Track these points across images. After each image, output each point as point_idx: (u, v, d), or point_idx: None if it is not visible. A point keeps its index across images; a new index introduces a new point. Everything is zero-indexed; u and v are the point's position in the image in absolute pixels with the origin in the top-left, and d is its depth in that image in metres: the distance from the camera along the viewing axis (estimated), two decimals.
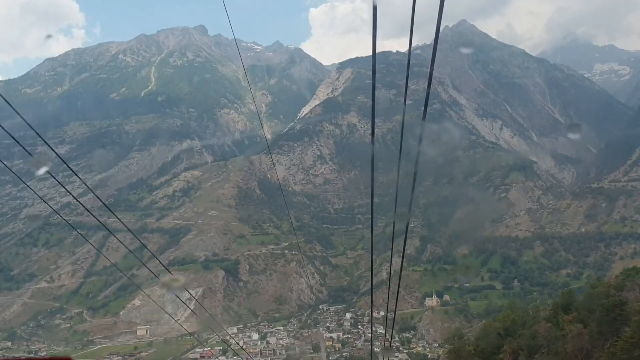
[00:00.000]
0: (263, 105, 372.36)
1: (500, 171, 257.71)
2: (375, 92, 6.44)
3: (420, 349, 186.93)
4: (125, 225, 15.89)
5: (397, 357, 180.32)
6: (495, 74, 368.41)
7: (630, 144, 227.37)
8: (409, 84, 7.90)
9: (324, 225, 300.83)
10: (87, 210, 14.52)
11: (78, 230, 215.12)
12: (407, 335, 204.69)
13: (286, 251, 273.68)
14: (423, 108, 6.35)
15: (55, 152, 10.79)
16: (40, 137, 10.52)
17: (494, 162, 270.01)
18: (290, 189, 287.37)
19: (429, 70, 6.46)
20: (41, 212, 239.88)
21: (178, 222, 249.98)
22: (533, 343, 33.94)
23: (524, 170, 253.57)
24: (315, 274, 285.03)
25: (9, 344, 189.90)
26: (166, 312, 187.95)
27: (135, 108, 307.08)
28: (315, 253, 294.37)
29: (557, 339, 29.01)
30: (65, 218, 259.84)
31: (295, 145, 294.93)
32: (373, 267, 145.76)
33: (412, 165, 7.50)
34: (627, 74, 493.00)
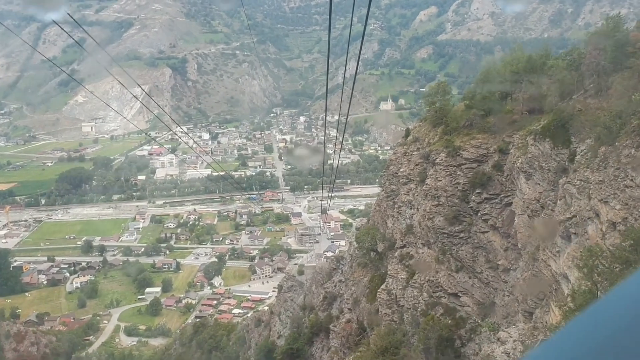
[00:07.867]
0: None
1: None
2: None
3: (372, 151, 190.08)
4: (69, 14, 13.04)
5: (349, 158, 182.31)
6: None
7: None
8: None
9: (279, 26, 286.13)
10: None
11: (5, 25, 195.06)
12: (360, 138, 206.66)
13: (237, 52, 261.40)
14: None
15: None
16: None
17: None
18: None
19: None
20: None
21: (119, 15, 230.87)
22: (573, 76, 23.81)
23: None
24: (269, 77, 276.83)
25: None
26: (113, 108, 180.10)
27: None
28: (269, 55, 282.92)
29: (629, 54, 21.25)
30: None
31: None
32: (329, 71, 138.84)
33: None
34: None
